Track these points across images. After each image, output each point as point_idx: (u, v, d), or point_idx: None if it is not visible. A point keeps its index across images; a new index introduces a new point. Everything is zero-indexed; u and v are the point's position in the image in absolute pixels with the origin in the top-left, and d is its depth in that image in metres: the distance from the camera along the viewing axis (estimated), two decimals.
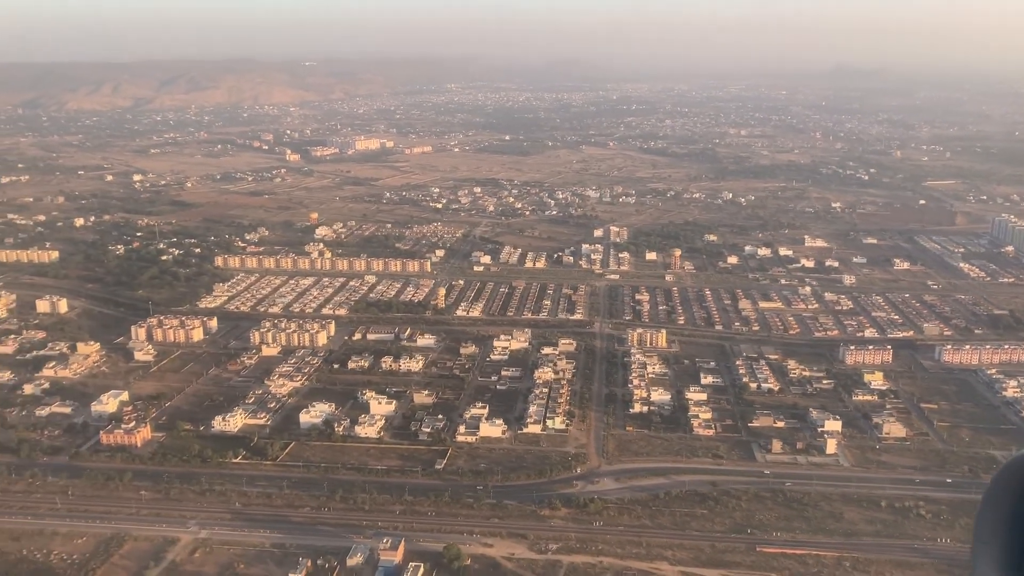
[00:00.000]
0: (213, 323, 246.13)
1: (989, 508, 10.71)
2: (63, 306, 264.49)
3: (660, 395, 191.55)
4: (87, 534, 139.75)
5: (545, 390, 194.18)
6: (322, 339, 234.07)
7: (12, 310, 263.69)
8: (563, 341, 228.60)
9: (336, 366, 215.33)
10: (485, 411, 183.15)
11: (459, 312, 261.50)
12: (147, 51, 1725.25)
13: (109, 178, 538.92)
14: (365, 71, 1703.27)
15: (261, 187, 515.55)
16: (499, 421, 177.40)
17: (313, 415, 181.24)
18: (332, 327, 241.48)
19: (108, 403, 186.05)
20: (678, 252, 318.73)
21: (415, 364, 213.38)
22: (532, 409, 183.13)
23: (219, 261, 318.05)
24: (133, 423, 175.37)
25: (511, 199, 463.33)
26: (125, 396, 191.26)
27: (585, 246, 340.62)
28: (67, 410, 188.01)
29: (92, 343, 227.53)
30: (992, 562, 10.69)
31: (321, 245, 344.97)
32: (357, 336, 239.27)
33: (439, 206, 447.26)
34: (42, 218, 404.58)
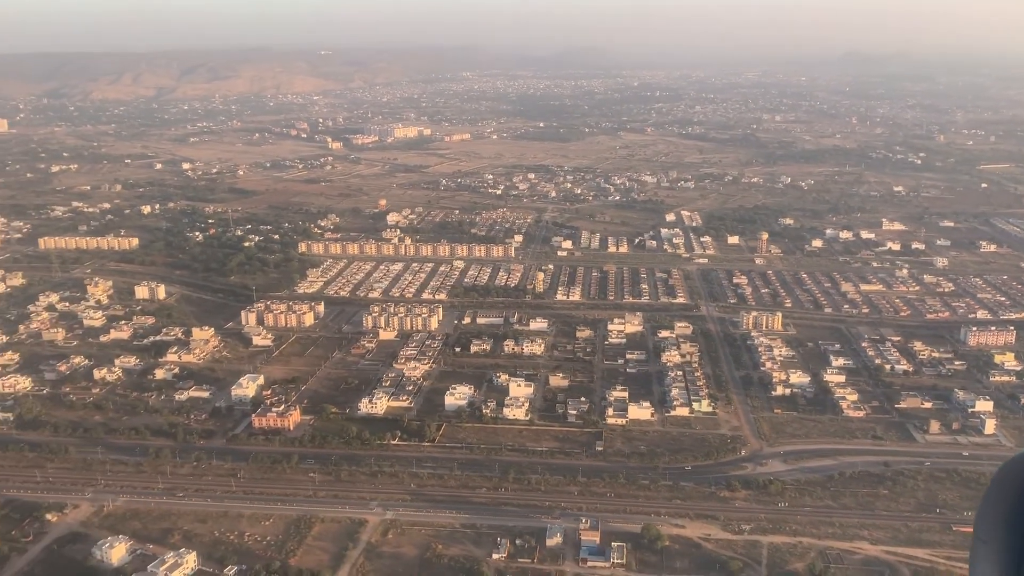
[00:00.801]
0: (320, 308, 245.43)
1: (990, 507, 10.55)
2: (161, 292, 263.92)
3: (799, 377, 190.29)
4: (272, 516, 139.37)
5: (680, 373, 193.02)
6: (433, 323, 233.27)
7: (111, 296, 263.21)
8: (679, 325, 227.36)
9: (458, 349, 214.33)
10: (626, 394, 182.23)
11: (559, 296, 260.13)
12: (159, 41, 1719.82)
13: (158, 166, 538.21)
14: (378, 60, 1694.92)
15: (313, 175, 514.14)
16: (646, 404, 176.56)
17: (457, 397, 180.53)
18: (440, 311, 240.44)
19: (248, 387, 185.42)
20: (765, 236, 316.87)
21: (537, 348, 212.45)
22: (674, 392, 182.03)
23: (302, 247, 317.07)
24: (283, 406, 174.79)
25: (568, 185, 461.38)
26: (261, 380, 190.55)
27: (663, 230, 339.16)
28: (205, 394, 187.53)
29: (207, 328, 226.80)
30: (992, 562, 10.57)
31: (398, 231, 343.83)
32: (467, 320, 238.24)
33: (498, 192, 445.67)
34: (107, 206, 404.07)
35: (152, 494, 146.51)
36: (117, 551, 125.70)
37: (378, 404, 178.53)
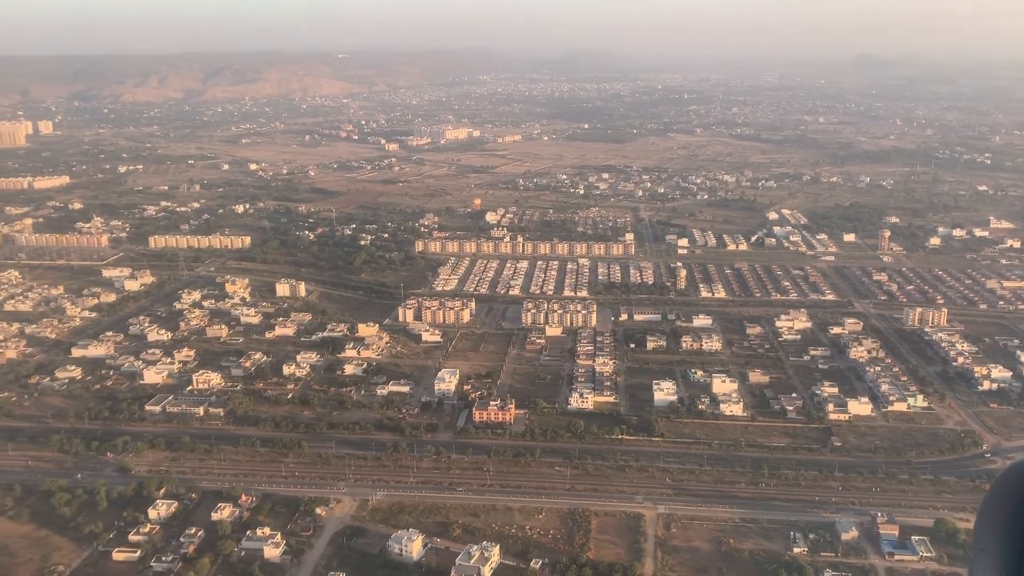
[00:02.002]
0: (473, 305, 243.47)
1: (989, 515, 10.46)
2: (301, 289, 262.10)
3: (1000, 372, 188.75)
4: (542, 509, 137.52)
5: (878, 369, 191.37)
6: (593, 320, 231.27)
7: (251, 294, 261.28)
8: (849, 321, 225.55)
9: (632, 346, 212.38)
10: (835, 389, 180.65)
11: (704, 294, 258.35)
12: (175, 44, 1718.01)
13: (225, 167, 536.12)
14: (394, 63, 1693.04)
15: (384, 175, 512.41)
16: (864, 399, 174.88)
17: (666, 392, 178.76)
18: (595, 308, 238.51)
19: (449, 382, 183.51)
20: (887, 233, 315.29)
21: (716, 344, 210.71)
22: (884, 387, 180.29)
23: (419, 246, 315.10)
24: (501, 401, 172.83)
25: (649, 184, 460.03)
26: (458, 375, 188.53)
27: (776, 228, 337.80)
28: (405, 389, 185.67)
29: (371, 325, 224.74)
30: (991, 570, 10.45)
31: (505, 230, 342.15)
32: (623, 317, 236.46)
33: (581, 192, 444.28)
34: (196, 205, 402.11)
35: (408, 488, 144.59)
36: (416, 545, 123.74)
37: (588, 399, 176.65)
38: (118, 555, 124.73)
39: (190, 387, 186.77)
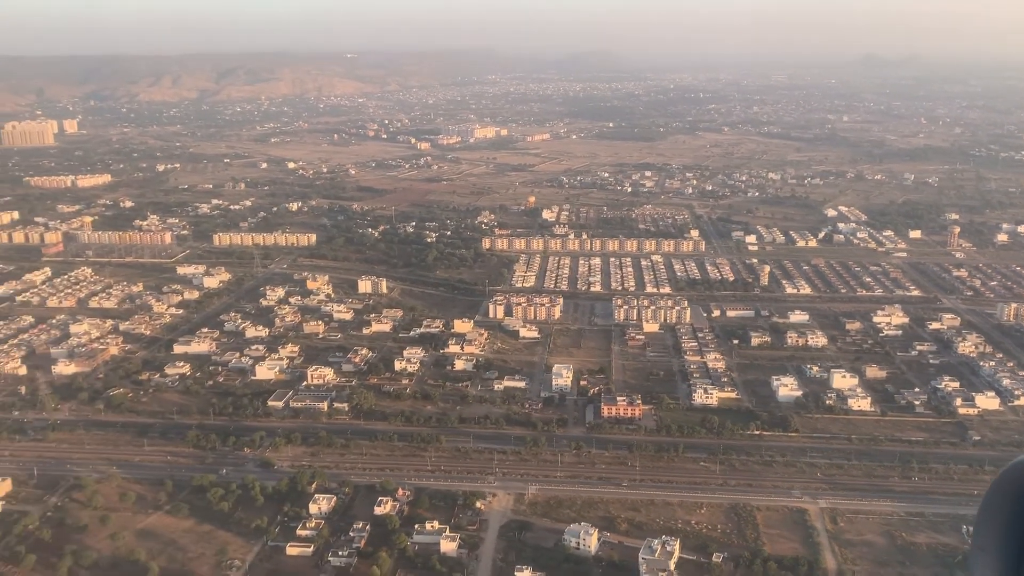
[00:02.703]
0: (561, 300, 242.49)
1: (988, 515, 10.39)
2: (383, 286, 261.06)
3: None
4: (702, 504, 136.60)
5: (992, 363, 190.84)
6: (687, 316, 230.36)
7: (336, 290, 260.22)
8: (946, 317, 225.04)
9: (736, 342, 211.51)
10: (956, 384, 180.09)
11: (789, 290, 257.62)
12: (181, 46, 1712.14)
13: (263, 165, 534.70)
14: (401, 63, 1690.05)
15: (424, 173, 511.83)
16: (991, 393, 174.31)
17: (789, 388, 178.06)
18: (686, 304, 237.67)
19: (566, 377, 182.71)
20: (957, 230, 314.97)
21: (821, 339, 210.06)
22: (1007, 382, 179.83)
23: (486, 243, 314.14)
24: (628, 396, 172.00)
25: (694, 181, 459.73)
26: (572, 371, 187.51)
27: (841, 225, 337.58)
28: (520, 384, 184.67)
29: (465, 320, 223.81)
30: (991, 570, 10.40)
31: (566, 227, 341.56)
32: (715, 313, 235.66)
33: (628, 189, 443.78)
34: (248, 203, 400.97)
35: (558, 482, 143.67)
36: (593, 539, 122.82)
37: (712, 395, 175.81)
38: (291, 550, 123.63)
39: (305, 383, 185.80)
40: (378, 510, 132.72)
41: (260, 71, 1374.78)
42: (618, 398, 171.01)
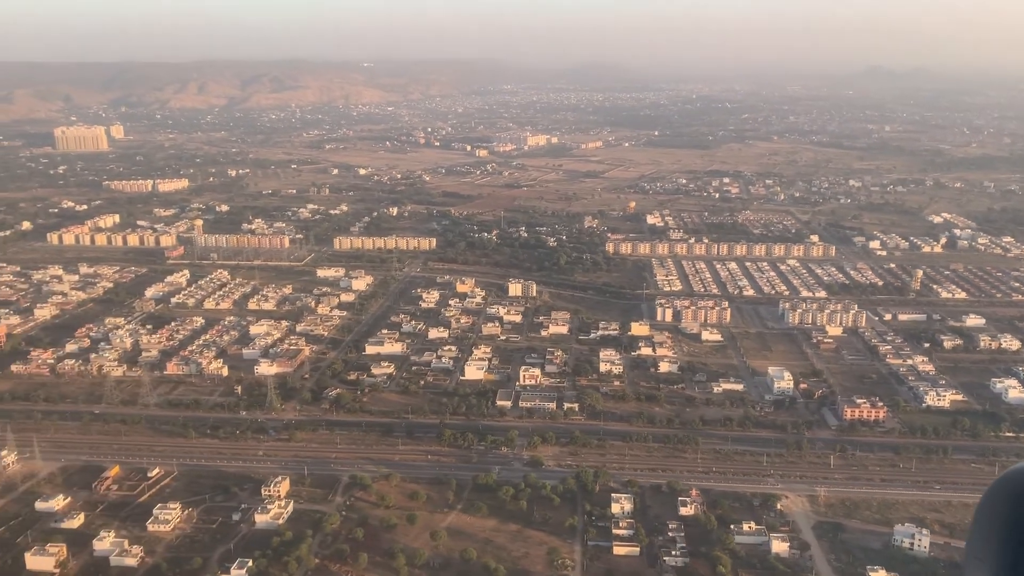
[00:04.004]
0: (726, 304, 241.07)
1: (983, 523, 10.20)
2: (533, 289, 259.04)
3: None
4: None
5: None
6: (863, 319, 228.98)
7: (488, 293, 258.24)
8: None
9: (927, 344, 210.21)
10: None
11: (944, 295, 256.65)
12: (196, 53, 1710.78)
13: (335, 172, 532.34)
14: (417, 72, 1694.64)
15: (496, 180, 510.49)
16: None
17: (1018, 390, 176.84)
18: (856, 308, 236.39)
19: (788, 380, 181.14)
20: None
21: (1012, 343, 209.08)
22: None
23: (610, 247, 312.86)
24: (869, 399, 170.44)
25: (778, 188, 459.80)
26: (790, 374, 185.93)
27: (957, 231, 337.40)
28: (738, 387, 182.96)
29: (642, 323, 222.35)
30: None
31: (680, 231, 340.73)
32: (887, 317, 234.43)
33: (716, 195, 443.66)
34: (346, 208, 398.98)
35: (839, 483, 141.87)
36: (927, 539, 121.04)
37: (945, 397, 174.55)
38: (618, 549, 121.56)
39: (517, 383, 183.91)
40: (684, 511, 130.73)
41: (284, 79, 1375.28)
42: (858, 400, 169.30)
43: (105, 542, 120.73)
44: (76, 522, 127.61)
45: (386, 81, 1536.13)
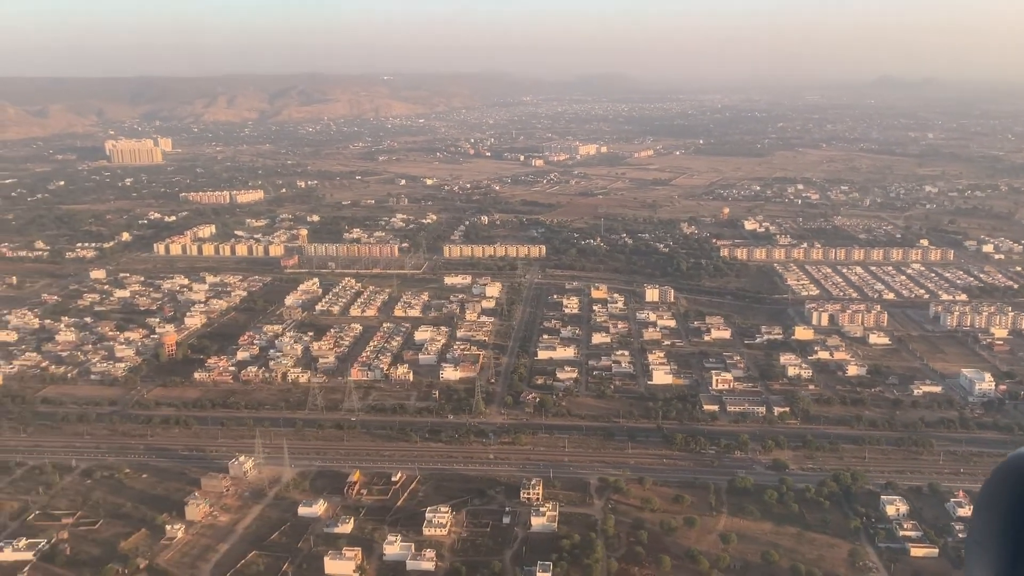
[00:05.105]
0: (879, 309, 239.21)
1: (984, 509, 10.23)
2: (671, 295, 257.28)
3: None
4: None
5: None
6: (1021, 322, 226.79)
7: (627, 301, 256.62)
8: None
9: None
10: None
11: None
12: (220, 67, 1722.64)
13: (403, 182, 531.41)
14: (437, 85, 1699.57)
15: (566, 189, 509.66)
16: None
17: None
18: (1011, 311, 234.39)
19: (988, 381, 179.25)
20: None
21: None
22: None
23: (724, 252, 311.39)
24: None
25: (855, 194, 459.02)
26: (988, 376, 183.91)
27: None
28: (936, 389, 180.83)
29: (806, 328, 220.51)
30: (987, 565, 10.20)
31: (787, 236, 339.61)
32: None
33: (798, 201, 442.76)
34: (434, 217, 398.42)
35: None
36: None
37: None
38: (916, 551, 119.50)
39: (710, 387, 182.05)
40: (960, 511, 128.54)
41: (311, 92, 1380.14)
42: None
43: (395, 546, 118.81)
44: (347, 527, 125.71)
45: (407, 94, 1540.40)
